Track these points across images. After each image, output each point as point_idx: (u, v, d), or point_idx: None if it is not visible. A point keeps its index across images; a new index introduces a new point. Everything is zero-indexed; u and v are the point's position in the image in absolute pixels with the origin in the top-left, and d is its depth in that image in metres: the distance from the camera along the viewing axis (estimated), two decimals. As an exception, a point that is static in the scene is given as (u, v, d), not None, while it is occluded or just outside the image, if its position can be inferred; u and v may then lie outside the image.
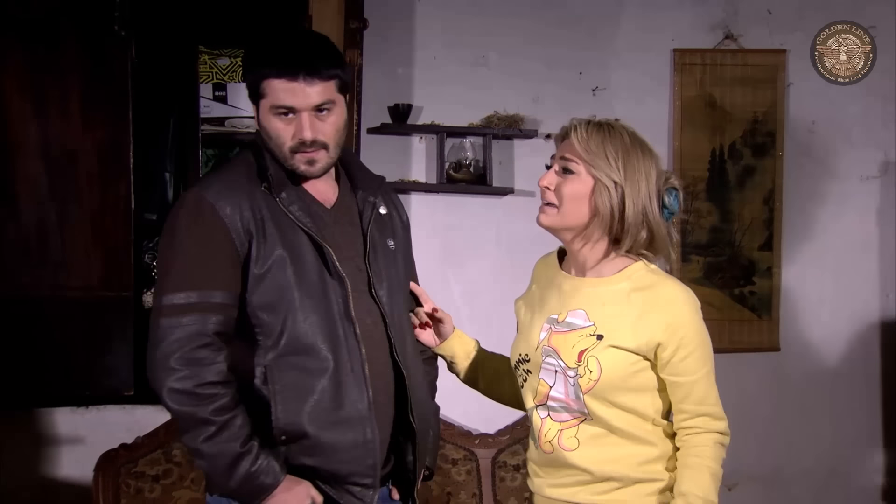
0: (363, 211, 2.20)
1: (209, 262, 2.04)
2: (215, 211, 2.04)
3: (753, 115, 3.93)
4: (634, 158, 2.09)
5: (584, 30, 3.83)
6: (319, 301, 2.09)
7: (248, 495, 2.05)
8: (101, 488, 3.28)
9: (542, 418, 2.16)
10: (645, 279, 2.11)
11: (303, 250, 2.09)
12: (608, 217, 2.09)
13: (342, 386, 2.08)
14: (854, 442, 4.06)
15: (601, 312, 2.10)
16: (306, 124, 2.06)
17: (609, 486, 2.10)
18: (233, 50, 3.82)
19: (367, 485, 2.12)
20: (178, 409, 2.02)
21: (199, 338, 2.01)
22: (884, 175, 4.05)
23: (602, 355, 2.07)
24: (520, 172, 3.79)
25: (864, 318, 4.06)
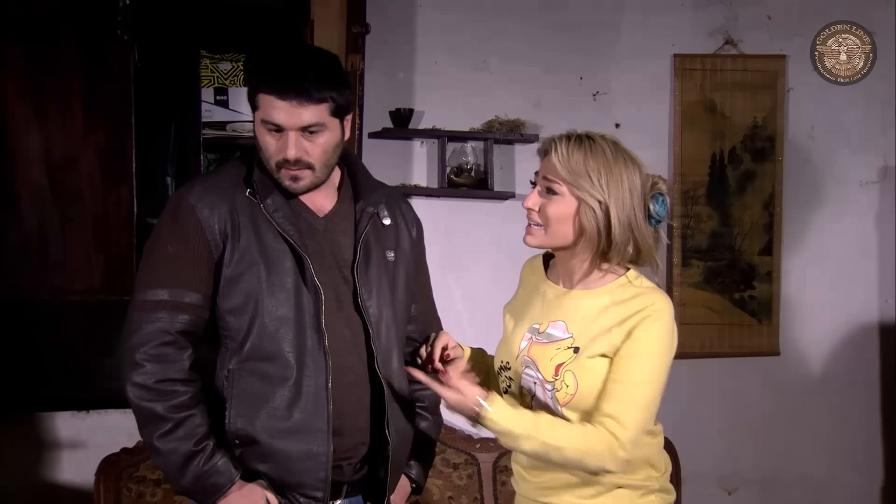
0: (360, 221, 2.19)
1: (182, 262, 2.07)
2: (193, 212, 2.07)
3: (753, 120, 3.94)
4: (617, 172, 2.05)
5: (585, 35, 3.84)
6: (290, 309, 2.09)
7: (201, 494, 2.07)
8: (103, 492, 3.27)
9: None
10: (626, 293, 2.09)
11: (280, 257, 2.10)
12: (595, 236, 2.07)
13: (300, 397, 2.09)
14: (853, 445, 4.07)
15: (580, 325, 2.09)
16: (291, 143, 2.05)
17: (594, 489, 2.10)
18: (234, 54, 3.82)
19: (316, 497, 2.11)
20: (138, 404, 2.05)
21: (165, 335, 2.04)
22: (883, 180, 4.07)
23: (578, 370, 2.05)
24: (521, 177, 3.79)
25: (863, 323, 4.07)
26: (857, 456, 4.07)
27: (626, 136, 2.33)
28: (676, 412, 3.28)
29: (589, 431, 2.02)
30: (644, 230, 2.08)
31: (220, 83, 3.80)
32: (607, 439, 2.01)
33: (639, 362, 2.03)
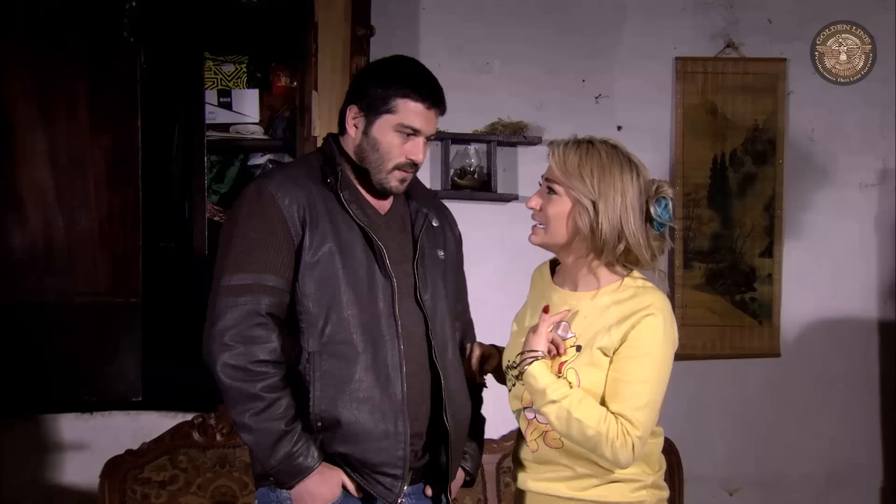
0: (415, 220, 2.32)
1: (265, 248, 2.14)
2: (274, 200, 2.16)
3: (754, 122, 3.96)
4: (610, 175, 2.14)
5: (588, 38, 3.86)
6: (364, 296, 2.19)
7: (286, 475, 2.13)
8: (108, 494, 3.27)
9: (529, 420, 2.25)
10: (626, 292, 2.18)
11: (354, 246, 2.20)
12: (588, 234, 2.16)
13: (379, 379, 2.18)
14: (853, 446, 4.09)
15: (583, 324, 2.18)
16: (424, 148, 2.24)
17: (589, 482, 2.18)
18: (238, 56, 3.84)
19: (395, 475, 2.20)
20: (230, 384, 2.10)
21: (254, 317, 2.10)
22: (882, 183, 4.09)
23: (580, 367, 2.14)
24: (523, 179, 3.82)
25: (863, 324, 4.10)
26: (857, 456, 4.09)
27: (628, 139, 2.38)
28: (678, 413, 3.29)
29: (610, 419, 2.10)
30: (636, 232, 2.15)
31: (224, 85, 3.82)
32: (622, 433, 2.09)
33: (639, 361, 2.11)
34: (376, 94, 2.21)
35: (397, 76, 2.24)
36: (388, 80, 2.23)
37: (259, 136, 3.80)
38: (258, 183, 2.23)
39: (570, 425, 2.09)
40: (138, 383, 3.23)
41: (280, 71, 3.84)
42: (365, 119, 2.23)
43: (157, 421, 3.49)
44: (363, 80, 2.30)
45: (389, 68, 2.29)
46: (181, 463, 3.35)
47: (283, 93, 3.84)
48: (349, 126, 2.26)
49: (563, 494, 2.20)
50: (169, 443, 3.37)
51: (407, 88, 2.21)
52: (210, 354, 2.13)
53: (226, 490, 3.34)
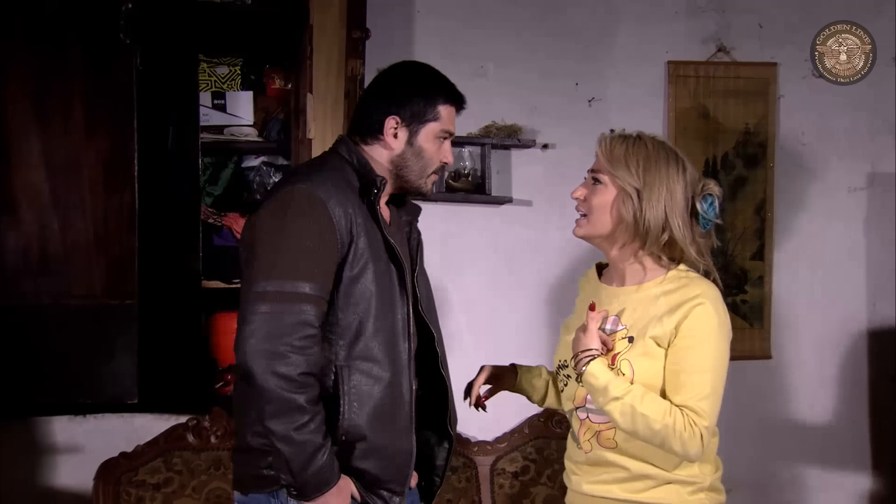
0: (411, 233, 2.36)
1: (317, 256, 2.12)
2: (326, 208, 2.13)
3: (745, 126, 3.98)
4: (655, 165, 2.17)
5: (581, 42, 3.87)
6: (388, 313, 2.20)
7: (313, 487, 2.12)
8: (102, 497, 3.28)
9: (582, 420, 2.25)
10: (674, 283, 2.20)
11: (382, 262, 2.20)
12: (632, 223, 2.17)
13: (397, 397, 2.19)
14: (842, 448, 4.11)
15: (633, 317, 2.19)
16: (450, 148, 2.34)
17: (644, 483, 2.18)
18: (231, 58, 3.84)
19: (398, 491, 2.23)
20: (280, 394, 2.05)
21: (307, 327, 2.09)
22: (871, 186, 4.11)
23: (634, 358, 2.15)
24: (517, 181, 3.82)
25: (853, 327, 4.11)
26: (846, 458, 4.11)
27: None
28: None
29: (675, 412, 2.09)
30: (681, 225, 2.16)
31: (218, 87, 3.82)
32: (689, 424, 2.09)
33: (697, 350, 2.12)
34: (420, 104, 2.25)
35: (435, 84, 2.29)
36: (429, 90, 2.27)
37: (253, 139, 3.79)
38: (307, 188, 2.17)
39: (636, 421, 2.08)
40: (134, 386, 3.22)
41: (274, 73, 3.84)
42: (408, 129, 2.25)
43: (151, 423, 3.49)
44: (402, 91, 2.28)
45: (424, 77, 2.32)
46: (176, 465, 3.36)
47: (277, 95, 3.83)
48: (389, 137, 2.26)
49: (618, 497, 2.20)
50: (163, 445, 3.38)
51: (446, 95, 2.28)
52: (253, 360, 2.06)
53: (220, 492, 3.35)
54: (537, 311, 3.82)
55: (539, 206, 3.81)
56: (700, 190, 2.21)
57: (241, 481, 2.26)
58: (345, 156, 2.28)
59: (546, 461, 3.59)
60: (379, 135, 2.26)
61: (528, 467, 3.59)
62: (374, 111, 2.27)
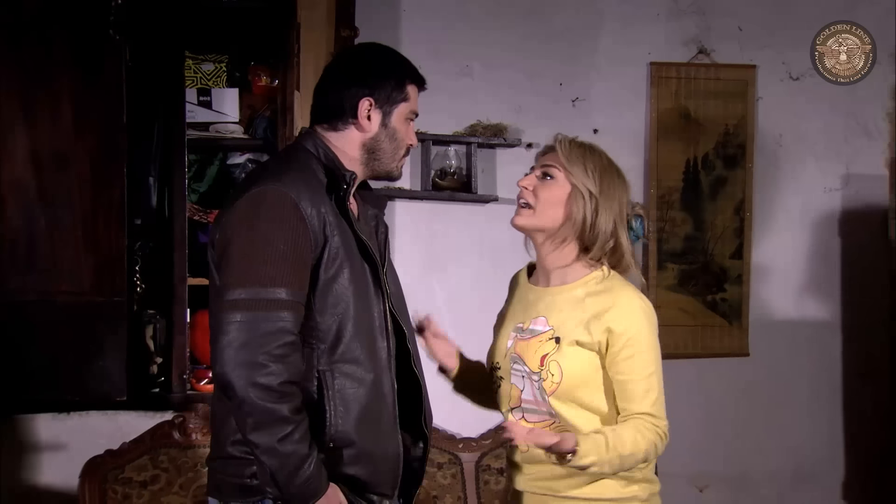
0: (377, 227, 2.28)
1: (292, 260, 2.02)
2: (298, 209, 2.04)
3: (725, 127, 4.05)
4: (609, 177, 2.25)
5: (565, 43, 3.92)
6: (370, 312, 2.14)
7: (300, 499, 2.03)
8: (88, 495, 3.25)
9: (517, 420, 2.28)
10: (601, 285, 2.25)
11: (357, 261, 2.13)
12: (580, 223, 2.23)
13: (380, 398, 2.13)
14: (817, 443, 4.20)
15: (559, 317, 2.24)
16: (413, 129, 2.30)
17: (581, 479, 2.22)
18: (217, 55, 3.82)
19: (387, 494, 2.17)
20: (262, 406, 1.97)
21: (286, 335, 2.00)
22: (845, 187, 4.20)
23: (562, 358, 2.20)
24: (502, 181, 3.86)
25: (827, 325, 4.20)
26: (821, 453, 4.20)
27: (604, 142, 2.44)
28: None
29: (640, 427, 2.17)
30: (626, 235, 2.26)
31: (203, 84, 3.79)
32: (657, 434, 2.19)
33: (639, 357, 2.19)
34: (391, 85, 2.19)
35: (403, 65, 2.25)
36: (398, 71, 2.22)
37: (239, 136, 3.78)
38: (274, 188, 2.07)
39: (625, 462, 2.15)
40: (123, 383, 3.19)
41: (260, 70, 3.83)
42: (381, 111, 2.18)
43: (136, 421, 3.47)
44: (371, 72, 2.20)
45: (392, 58, 2.27)
46: (162, 462, 3.35)
47: (264, 92, 3.82)
48: (363, 119, 2.17)
49: (557, 493, 2.24)
50: (149, 443, 3.36)
51: (412, 76, 2.23)
52: (232, 371, 1.98)
53: (208, 490, 3.33)
54: (521, 308, 3.86)
55: (524, 205, 3.85)
56: (632, 210, 2.30)
57: (220, 489, 2.15)
58: (311, 150, 2.18)
59: (530, 457, 3.62)
60: (351, 118, 2.17)
61: (513, 463, 3.62)
62: (344, 95, 2.18)
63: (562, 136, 2.29)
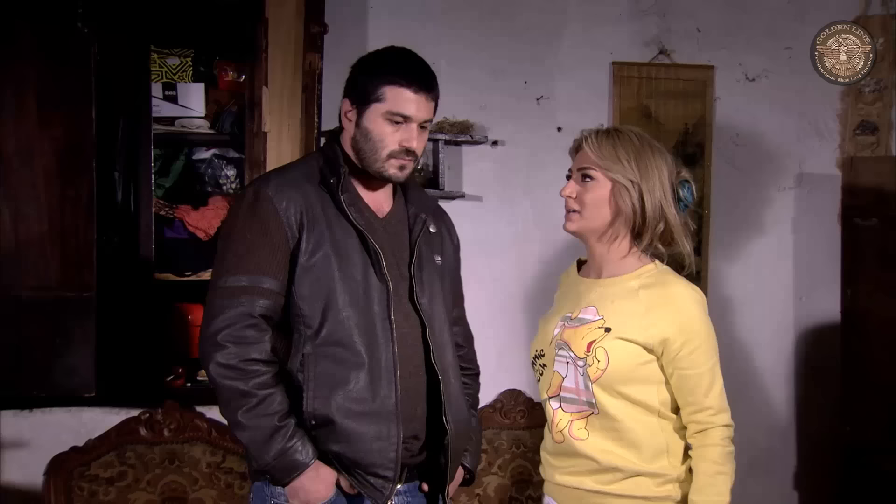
0: (414, 225, 2.34)
1: (261, 249, 2.18)
2: (271, 202, 2.19)
3: (685, 126, 4.12)
4: (646, 157, 2.24)
5: (530, 42, 3.95)
6: (360, 299, 2.20)
7: (282, 471, 2.15)
8: (53, 492, 3.20)
9: (555, 409, 2.30)
10: (654, 278, 2.26)
11: (350, 249, 2.22)
12: (630, 214, 2.23)
13: (374, 381, 2.19)
14: (771, 435, 4.31)
15: (610, 308, 2.24)
16: (415, 135, 2.25)
17: (614, 476, 2.24)
18: (183, 49, 3.80)
19: (386, 477, 2.21)
20: (222, 383, 2.14)
21: (247, 318, 2.15)
22: (799, 186, 4.31)
23: (609, 346, 2.21)
24: (468, 177, 3.89)
25: (781, 320, 4.31)
26: (775, 443, 4.31)
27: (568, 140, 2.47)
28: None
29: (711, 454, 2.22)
30: (674, 211, 2.24)
31: (169, 78, 3.78)
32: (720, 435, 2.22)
33: (701, 350, 2.23)
34: (364, 84, 2.24)
35: (383, 64, 2.26)
36: (374, 69, 2.25)
37: (205, 131, 3.77)
38: (256, 185, 2.26)
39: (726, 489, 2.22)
40: (92, 379, 3.17)
41: (226, 65, 3.82)
42: (356, 111, 2.26)
43: (100, 417, 3.44)
44: (353, 73, 2.31)
45: (376, 58, 2.30)
46: (129, 459, 3.31)
47: (230, 87, 3.81)
48: (343, 119, 2.30)
49: (589, 488, 2.26)
50: (115, 439, 3.32)
51: (392, 75, 2.22)
52: (204, 354, 2.17)
53: (176, 486, 3.32)
54: (486, 304, 3.88)
55: (489, 202, 3.89)
56: (676, 177, 2.28)
57: (249, 471, 2.33)
58: (323, 149, 2.35)
59: (496, 451, 3.67)
60: (340, 120, 2.32)
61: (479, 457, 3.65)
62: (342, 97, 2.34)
63: (587, 133, 2.30)
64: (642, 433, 2.24)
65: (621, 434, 2.24)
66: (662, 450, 2.25)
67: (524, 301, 3.94)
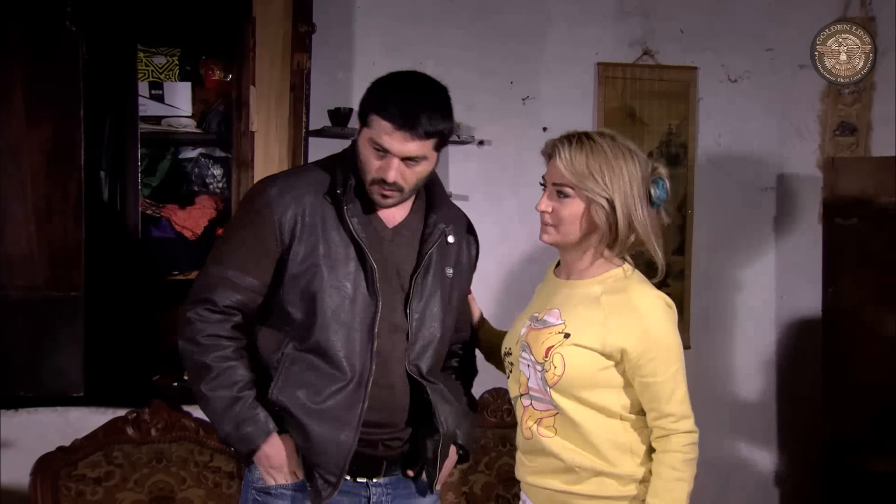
0: (430, 234, 2.30)
1: (248, 249, 2.23)
2: (269, 206, 2.22)
3: (668, 127, 4.16)
4: (618, 167, 2.19)
5: (516, 43, 3.98)
6: (346, 312, 2.21)
7: (239, 441, 2.21)
8: (40, 492, 3.18)
9: (525, 406, 2.31)
10: (618, 284, 2.25)
11: (344, 261, 2.22)
12: (606, 230, 2.22)
13: (341, 391, 2.21)
14: (753, 434, 4.35)
15: (572, 313, 2.25)
16: (394, 168, 2.17)
17: (578, 476, 2.25)
18: (169, 48, 3.79)
19: (329, 481, 2.23)
20: (189, 357, 2.22)
21: (214, 304, 2.21)
22: (780, 186, 4.36)
23: (567, 352, 2.20)
24: (455, 177, 3.91)
25: (762, 319, 4.35)
26: (757, 442, 4.36)
27: None
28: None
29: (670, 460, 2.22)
30: (642, 217, 2.22)
31: (155, 77, 3.77)
32: (682, 442, 2.23)
33: (662, 357, 2.21)
34: (363, 105, 2.23)
35: (380, 90, 2.22)
36: (374, 92, 2.22)
37: (192, 130, 3.76)
38: (264, 185, 2.30)
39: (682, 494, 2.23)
40: (80, 378, 3.17)
41: (213, 64, 3.82)
42: (359, 128, 2.25)
43: (86, 417, 3.42)
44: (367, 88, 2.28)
45: (382, 81, 2.25)
46: (116, 459, 3.30)
47: (217, 86, 3.81)
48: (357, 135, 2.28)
49: (557, 488, 2.26)
50: (102, 439, 3.31)
51: (380, 106, 2.17)
52: (178, 332, 2.25)
53: (163, 485, 3.31)
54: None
55: (476, 201, 3.90)
56: (651, 174, 2.25)
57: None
58: (346, 153, 2.31)
59: (483, 450, 3.67)
60: None
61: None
62: None
63: (559, 143, 2.23)
64: (604, 435, 2.23)
65: (584, 435, 2.24)
66: (626, 450, 2.25)
67: (510, 300, 3.95)
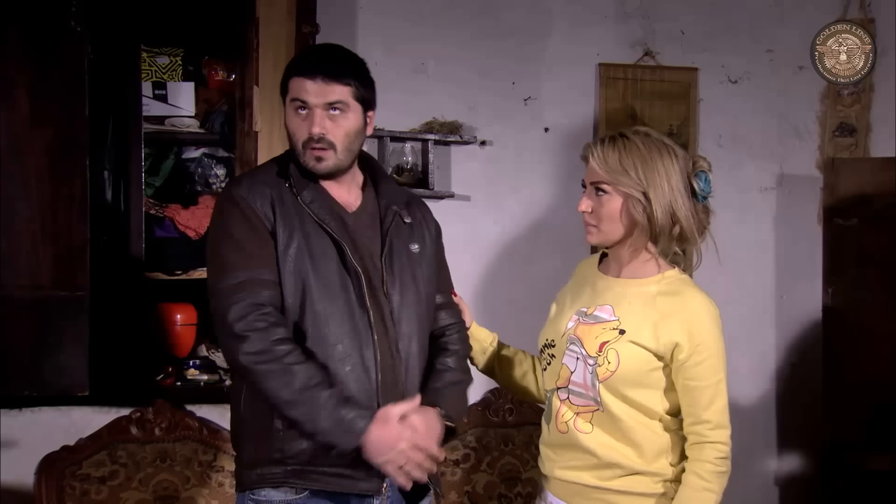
0: (385, 217, 2.37)
1: (250, 243, 2.22)
2: (246, 202, 2.25)
3: (669, 127, 4.16)
4: (653, 162, 2.23)
5: (517, 43, 3.99)
6: (335, 290, 2.24)
7: (342, 435, 2.14)
8: (45, 492, 3.20)
9: (562, 400, 2.32)
10: (672, 286, 2.30)
11: (321, 244, 2.26)
12: (645, 224, 2.25)
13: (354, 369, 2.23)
14: (752, 434, 4.34)
15: (627, 310, 2.27)
16: (317, 119, 2.25)
17: (613, 472, 2.27)
18: (172, 49, 3.80)
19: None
20: (257, 368, 2.14)
21: (256, 307, 2.17)
22: (779, 187, 4.37)
23: (621, 348, 2.23)
24: (457, 177, 3.92)
25: (762, 319, 4.36)
26: (757, 441, 4.36)
27: (554, 140, 2.50)
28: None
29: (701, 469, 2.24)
30: (686, 211, 2.25)
31: (159, 77, 3.78)
32: (714, 454, 2.25)
33: (708, 363, 2.26)
34: (281, 85, 2.32)
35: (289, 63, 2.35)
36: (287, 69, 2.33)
37: (195, 130, 3.77)
38: (228, 190, 2.33)
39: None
40: (85, 378, 3.17)
41: (216, 64, 3.82)
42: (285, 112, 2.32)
43: (91, 416, 3.43)
44: None
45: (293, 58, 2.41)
46: (120, 458, 3.31)
47: (220, 86, 3.82)
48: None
49: (588, 483, 2.28)
50: (106, 438, 3.32)
51: (292, 69, 2.30)
52: (230, 353, 2.19)
53: (168, 484, 3.32)
54: (473, 302, 3.90)
55: (478, 201, 3.92)
56: (692, 168, 2.27)
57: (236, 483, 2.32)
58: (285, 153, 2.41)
59: (485, 449, 3.69)
60: None
61: (468, 455, 3.68)
62: None
63: (592, 148, 2.28)
64: (644, 434, 2.27)
65: (624, 433, 2.27)
66: (664, 450, 2.28)
67: (511, 299, 3.98)
